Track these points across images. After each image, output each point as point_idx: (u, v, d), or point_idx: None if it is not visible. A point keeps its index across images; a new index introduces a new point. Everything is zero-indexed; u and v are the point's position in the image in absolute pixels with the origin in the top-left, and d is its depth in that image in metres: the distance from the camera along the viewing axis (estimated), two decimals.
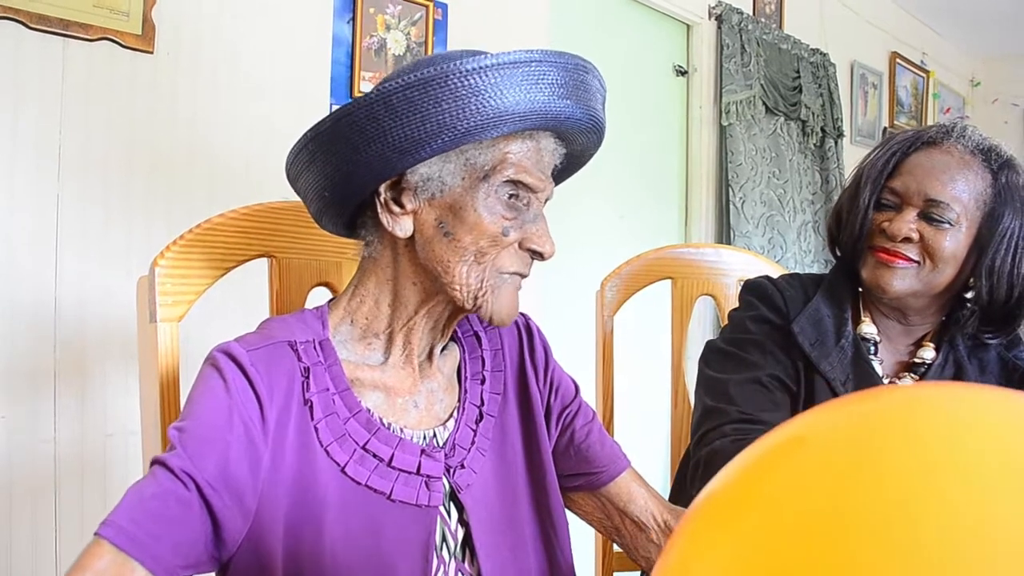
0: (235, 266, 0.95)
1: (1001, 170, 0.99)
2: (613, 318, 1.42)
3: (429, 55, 0.77)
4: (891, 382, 1.03)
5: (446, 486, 0.78)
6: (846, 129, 3.82)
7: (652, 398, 2.08)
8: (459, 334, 0.87)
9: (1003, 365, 1.02)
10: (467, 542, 0.79)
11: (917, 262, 0.98)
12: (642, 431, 2.27)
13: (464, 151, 0.72)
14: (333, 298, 0.83)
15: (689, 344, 1.47)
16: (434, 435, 0.79)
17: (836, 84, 3.67)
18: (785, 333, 1.05)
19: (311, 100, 1.88)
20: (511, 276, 0.76)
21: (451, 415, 0.82)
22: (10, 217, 1.42)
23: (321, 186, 0.74)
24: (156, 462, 0.66)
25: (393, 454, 0.74)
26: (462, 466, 0.79)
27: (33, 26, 1.42)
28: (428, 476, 0.76)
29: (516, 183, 0.73)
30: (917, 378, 1.03)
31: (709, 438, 0.99)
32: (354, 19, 1.95)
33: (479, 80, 0.67)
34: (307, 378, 0.73)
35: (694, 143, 3.11)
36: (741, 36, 3.13)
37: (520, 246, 0.76)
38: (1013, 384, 1.00)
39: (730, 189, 3.09)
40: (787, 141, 3.42)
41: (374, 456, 0.74)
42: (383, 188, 0.73)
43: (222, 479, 0.66)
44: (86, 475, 1.51)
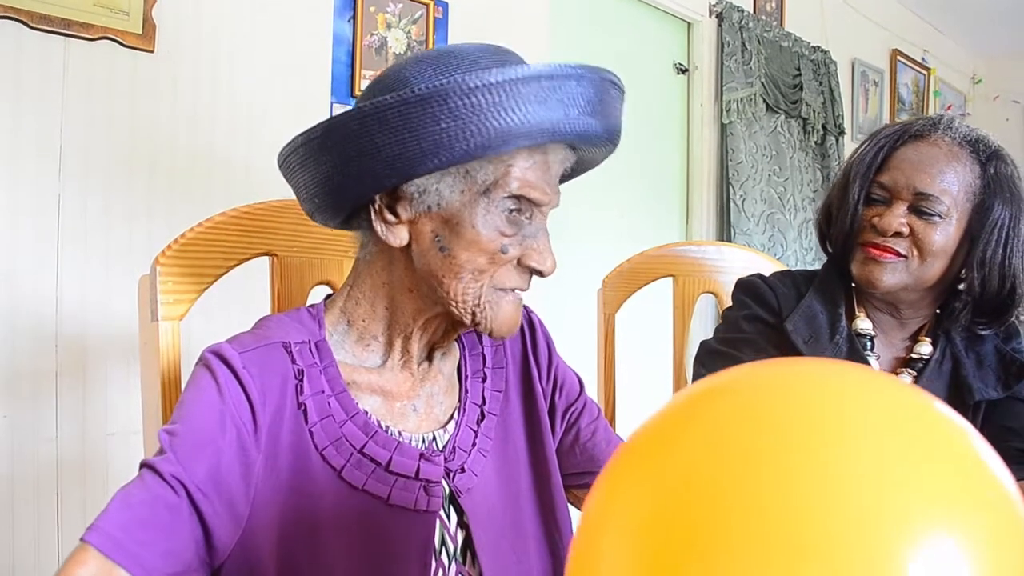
0: (236, 265, 0.94)
1: (989, 161, 0.98)
2: (614, 316, 1.42)
3: (438, 52, 0.70)
4: None
5: (446, 489, 0.76)
6: (847, 127, 3.82)
7: (654, 396, 2.07)
8: (453, 340, 0.84)
9: (1000, 358, 1.01)
10: (468, 544, 0.77)
11: (906, 256, 0.98)
12: None
13: (464, 164, 0.67)
14: (329, 295, 0.81)
15: (690, 342, 1.47)
16: (434, 438, 0.77)
17: (837, 81, 3.67)
18: (779, 331, 1.04)
19: (312, 99, 1.88)
20: (510, 292, 0.73)
21: (451, 417, 0.80)
22: (12, 216, 1.42)
23: (311, 192, 0.71)
24: (145, 466, 0.64)
25: (391, 458, 0.72)
26: (462, 469, 0.77)
27: (34, 26, 1.42)
28: (427, 480, 0.73)
29: (519, 198, 0.69)
30: (915, 374, 1.02)
31: None
32: (355, 18, 1.95)
33: (482, 99, 0.62)
34: (301, 380, 0.71)
35: (695, 141, 3.11)
36: (742, 34, 3.13)
37: (519, 263, 0.72)
38: (1011, 376, 0.99)
39: (731, 187, 3.09)
40: (788, 139, 3.41)
41: (371, 460, 0.72)
42: (378, 196, 0.70)
43: (213, 485, 0.64)
44: (88, 474, 1.51)
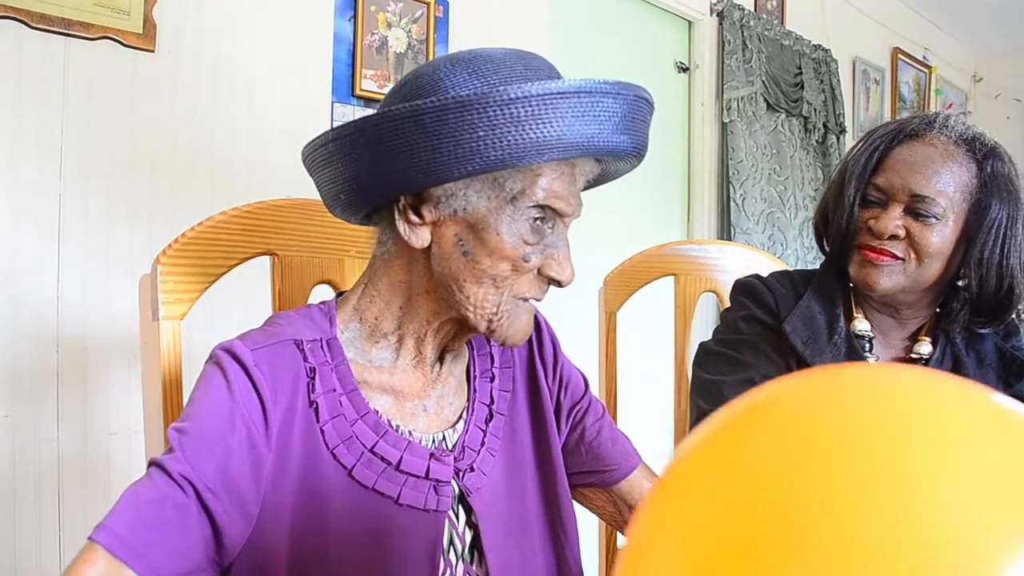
0: (237, 264, 0.94)
1: (986, 159, 0.97)
2: (615, 315, 1.42)
3: (471, 52, 0.71)
4: None
5: (455, 489, 0.76)
6: (848, 125, 3.81)
7: (655, 395, 2.08)
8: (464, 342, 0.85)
9: (1001, 356, 1.01)
10: (475, 544, 0.77)
11: (903, 259, 0.97)
12: (645, 428, 2.26)
13: (493, 171, 0.67)
14: (340, 294, 0.81)
15: (691, 341, 1.47)
16: (443, 438, 0.77)
17: (838, 80, 3.67)
18: (777, 332, 1.03)
19: (312, 98, 1.87)
20: (526, 301, 0.74)
21: (460, 417, 0.80)
22: (12, 216, 1.42)
23: (337, 188, 0.72)
24: (154, 464, 0.64)
25: (401, 457, 0.72)
26: (471, 469, 0.77)
27: (34, 26, 1.42)
28: (437, 480, 0.74)
29: (544, 207, 0.70)
30: None
31: None
32: (355, 17, 1.95)
33: (521, 110, 0.62)
34: (313, 379, 0.71)
35: (696, 140, 3.11)
36: (743, 32, 3.12)
37: (539, 272, 0.73)
38: (1012, 374, 0.99)
39: (731, 186, 3.09)
40: (788, 137, 3.41)
41: (382, 459, 0.72)
42: (403, 196, 0.70)
43: (222, 483, 0.64)
44: (89, 474, 1.51)
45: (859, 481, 0.30)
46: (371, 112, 0.68)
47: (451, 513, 0.76)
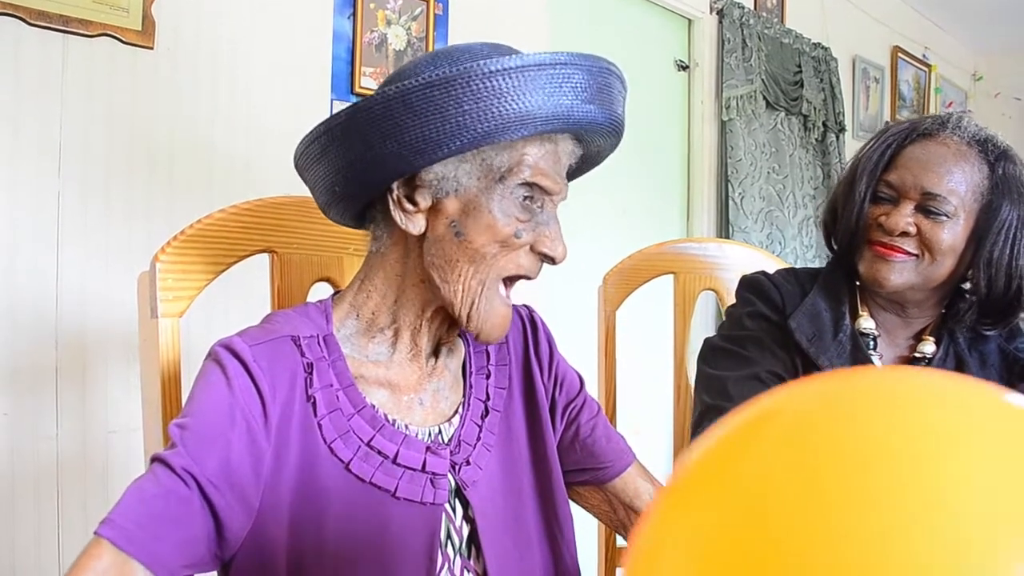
0: (236, 261, 0.94)
1: (998, 161, 0.97)
2: (615, 313, 1.42)
3: (448, 48, 0.75)
4: None
5: (451, 483, 0.77)
6: (848, 124, 3.81)
7: (655, 393, 2.08)
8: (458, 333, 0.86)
9: (1004, 357, 1.01)
10: (472, 539, 0.78)
11: (915, 255, 0.97)
12: (645, 426, 2.27)
13: (481, 151, 0.70)
14: (337, 292, 0.82)
15: (691, 339, 1.47)
16: (439, 432, 0.78)
17: (838, 78, 3.66)
18: (783, 329, 1.04)
19: (312, 96, 1.87)
20: (505, 290, 0.75)
21: (456, 411, 0.81)
22: (11, 214, 1.42)
23: (331, 180, 0.73)
24: (156, 459, 0.65)
25: (398, 451, 0.73)
26: (467, 463, 0.78)
27: (33, 22, 1.41)
28: (433, 473, 0.75)
29: (532, 185, 0.72)
30: None
31: None
32: (354, 14, 1.95)
33: (502, 82, 0.65)
34: (310, 374, 0.72)
35: (695, 138, 3.11)
36: (742, 31, 3.12)
37: (532, 249, 0.75)
38: (1015, 375, 0.99)
39: (730, 184, 3.09)
40: (788, 136, 3.41)
41: (379, 453, 0.73)
42: (396, 185, 0.72)
43: (224, 477, 0.65)
44: (88, 472, 1.51)
45: (870, 495, 0.30)
46: None
47: (448, 507, 0.76)
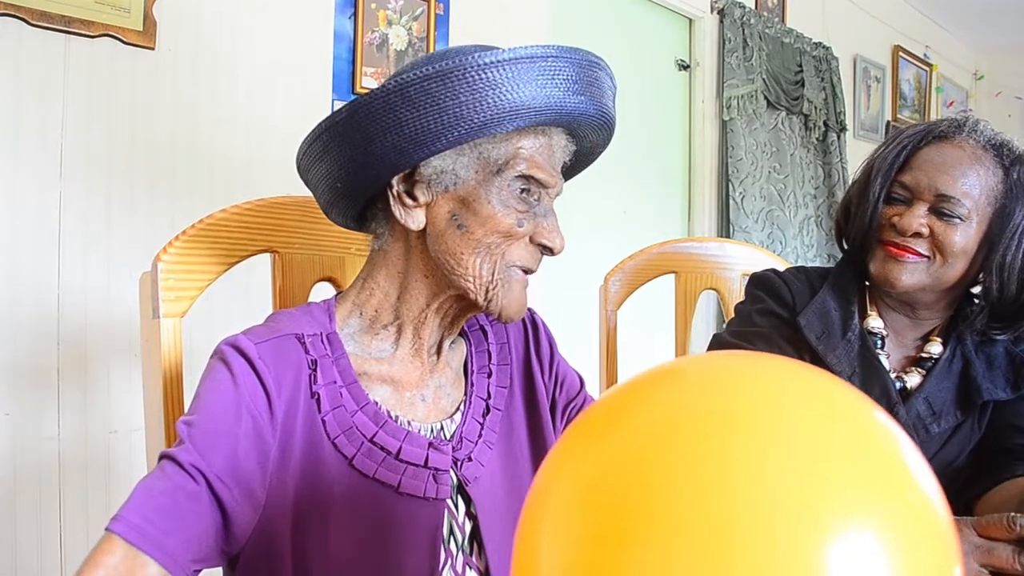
0: (238, 261, 0.94)
1: (1013, 165, 0.98)
2: (617, 312, 1.42)
3: (441, 50, 0.77)
4: (897, 376, 1.03)
5: (454, 479, 0.78)
6: (849, 123, 3.81)
7: None
8: (466, 328, 0.87)
9: (1011, 359, 1.01)
10: (475, 535, 0.78)
11: (927, 257, 0.98)
12: None
13: (478, 145, 0.72)
14: (339, 292, 0.83)
15: (693, 338, 1.47)
16: (441, 428, 0.79)
17: (839, 78, 3.66)
18: (792, 326, 1.04)
19: (313, 96, 1.87)
20: (519, 271, 0.77)
21: (458, 408, 0.82)
22: (13, 214, 1.42)
23: (334, 177, 0.74)
24: (165, 456, 0.66)
25: (401, 447, 0.74)
26: (469, 459, 0.79)
27: (35, 23, 1.42)
28: (436, 469, 0.75)
29: (528, 178, 0.74)
30: (924, 372, 1.02)
31: None
32: (356, 15, 1.95)
33: (496, 74, 0.67)
34: (314, 371, 0.73)
35: (696, 138, 3.11)
36: (743, 30, 3.12)
37: (531, 240, 0.76)
38: (1021, 378, 0.99)
39: (730, 184, 3.09)
40: (789, 135, 3.41)
41: (382, 449, 0.74)
42: (396, 180, 0.73)
43: (231, 472, 0.66)
44: (90, 471, 1.51)
45: (702, 459, 0.37)
46: None
47: (450, 503, 0.77)
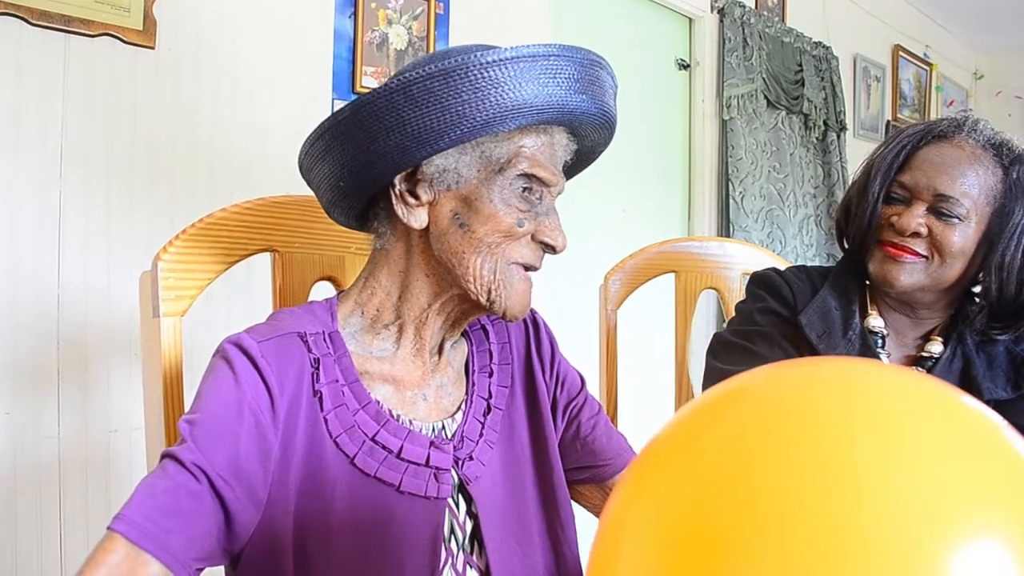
0: (238, 261, 0.94)
1: (1012, 165, 0.98)
2: (617, 312, 1.42)
3: (443, 49, 0.78)
4: None
5: (455, 478, 0.78)
6: (849, 123, 3.81)
7: (656, 392, 2.08)
8: (467, 328, 0.87)
9: (1011, 359, 1.01)
10: (475, 535, 0.79)
11: (925, 257, 0.98)
12: (646, 425, 2.27)
13: (480, 144, 0.72)
14: (341, 291, 0.83)
15: (693, 338, 1.47)
16: (443, 427, 0.79)
17: (839, 77, 3.66)
18: (793, 325, 1.05)
19: (313, 95, 1.87)
20: (521, 269, 0.77)
21: (459, 407, 0.82)
22: (13, 213, 1.42)
23: (336, 176, 0.74)
24: (167, 455, 0.66)
25: (402, 446, 0.74)
26: (470, 458, 0.79)
27: (34, 22, 1.42)
28: (437, 468, 0.75)
29: (530, 176, 0.74)
30: (925, 372, 1.02)
31: None
32: (355, 14, 1.95)
33: (498, 72, 0.67)
34: (317, 369, 0.73)
35: (696, 137, 3.11)
36: (743, 30, 3.12)
37: (533, 238, 0.76)
38: (1021, 377, 0.99)
39: (730, 183, 3.09)
40: (789, 135, 3.41)
41: (383, 448, 0.74)
42: (398, 179, 0.74)
43: (233, 471, 0.66)
44: (90, 471, 1.51)
45: (807, 477, 0.32)
46: None
47: (451, 502, 0.77)
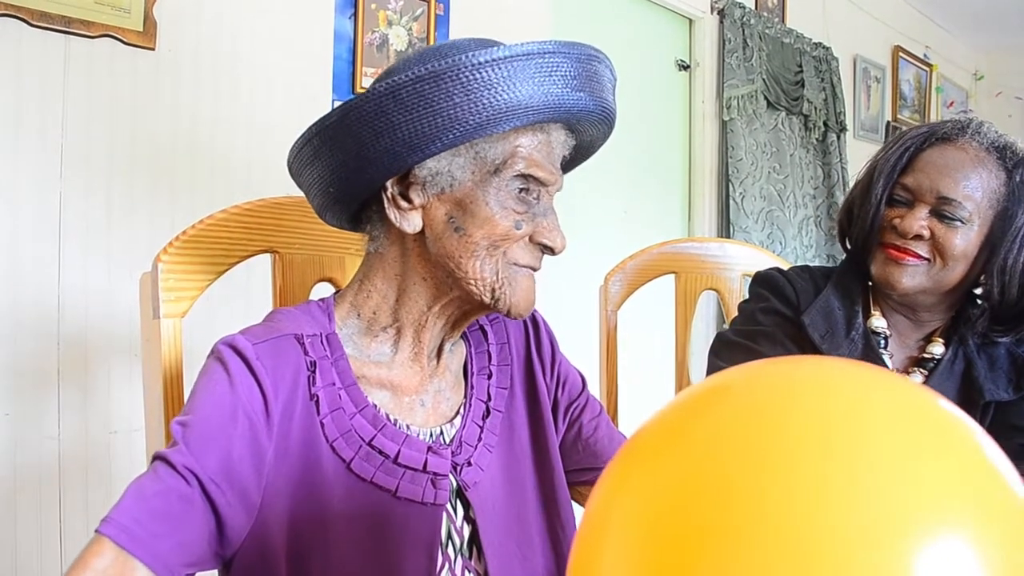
0: (238, 262, 0.94)
1: (1016, 168, 0.97)
2: (617, 313, 1.42)
3: (435, 44, 0.74)
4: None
5: (453, 483, 0.76)
6: (849, 123, 3.81)
7: (656, 393, 2.08)
8: (465, 329, 0.85)
9: (1013, 360, 1.01)
10: (474, 539, 0.77)
11: (927, 259, 0.98)
12: None
13: (474, 145, 0.70)
14: (338, 291, 0.82)
15: (693, 339, 1.47)
16: (440, 432, 0.78)
17: (839, 78, 3.66)
18: (795, 325, 1.04)
19: (313, 96, 1.87)
20: (524, 268, 0.75)
21: (457, 412, 0.81)
22: (13, 214, 1.42)
23: (326, 182, 0.72)
24: (158, 457, 0.65)
25: (399, 451, 0.73)
26: (469, 463, 0.78)
27: (35, 23, 1.42)
28: (435, 473, 0.74)
29: (527, 177, 0.72)
30: (926, 373, 1.02)
31: None
32: (356, 15, 1.95)
33: (491, 73, 0.65)
34: (313, 372, 0.72)
35: (696, 138, 3.11)
36: (743, 30, 3.12)
37: (531, 240, 0.74)
38: (1023, 378, 0.99)
39: (730, 184, 3.09)
40: (789, 136, 3.41)
41: (380, 453, 0.73)
42: (390, 183, 0.71)
43: (225, 475, 0.65)
44: (90, 471, 1.51)
45: (781, 473, 0.34)
46: None
47: (449, 507, 0.76)
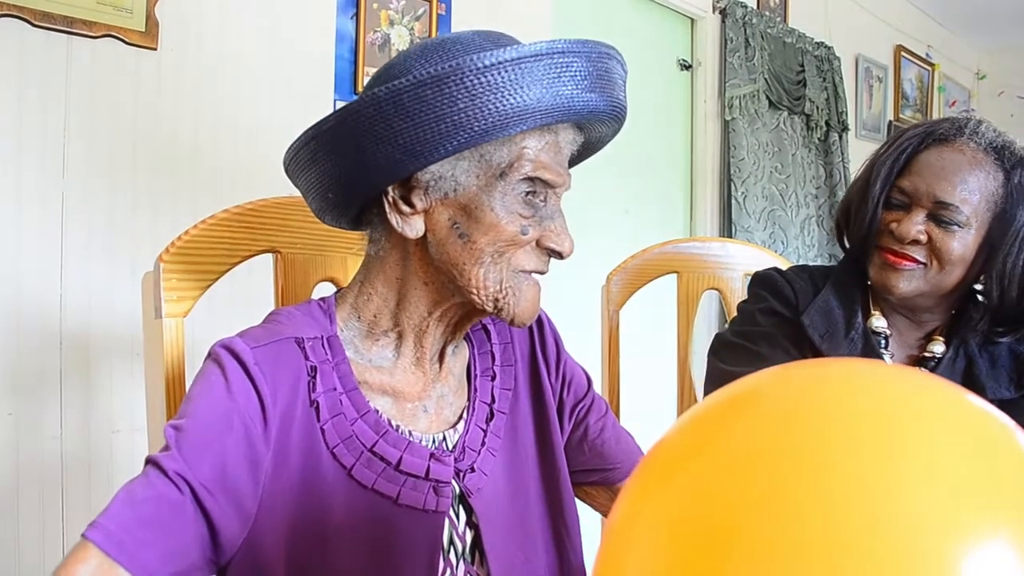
0: (240, 262, 0.94)
1: (1014, 169, 0.96)
2: (619, 312, 1.42)
3: (439, 38, 0.72)
4: None
5: (455, 489, 0.75)
6: (851, 123, 3.81)
7: (658, 393, 2.08)
8: (467, 330, 0.84)
9: (1014, 358, 1.00)
10: (476, 544, 0.76)
11: (924, 264, 0.97)
12: (648, 426, 2.26)
13: (479, 148, 0.67)
14: (339, 291, 0.80)
15: (695, 338, 1.46)
16: (444, 438, 0.76)
17: (841, 78, 3.66)
18: (795, 325, 1.04)
19: (315, 96, 1.87)
20: (529, 275, 0.72)
21: (461, 417, 0.79)
22: (15, 215, 1.42)
23: (324, 187, 0.70)
24: (150, 462, 0.63)
25: (401, 457, 0.71)
26: (472, 469, 0.76)
27: (37, 23, 1.42)
28: (437, 481, 0.73)
29: (534, 180, 0.69)
30: (927, 372, 1.02)
31: None
32: (357, 15, 1.95)
33: (498, 76, 0.61)
34: (314, 377, 0.70)
35: (699, 138, 3.11)
36: (745, 30, 3.12)
37: (537, 244, 0.71)
38: None
39: (732, 184, 3.09)
40: (791, 135, 3.40)
41: (381, 459, 0.71)
42: (392, 188, 0.69)
43: (218, 482, 0.63)
44: (92, 472, 1.51)
45: (814, 480, 0.32)
46: None
47: (451, 513, 0.75)
